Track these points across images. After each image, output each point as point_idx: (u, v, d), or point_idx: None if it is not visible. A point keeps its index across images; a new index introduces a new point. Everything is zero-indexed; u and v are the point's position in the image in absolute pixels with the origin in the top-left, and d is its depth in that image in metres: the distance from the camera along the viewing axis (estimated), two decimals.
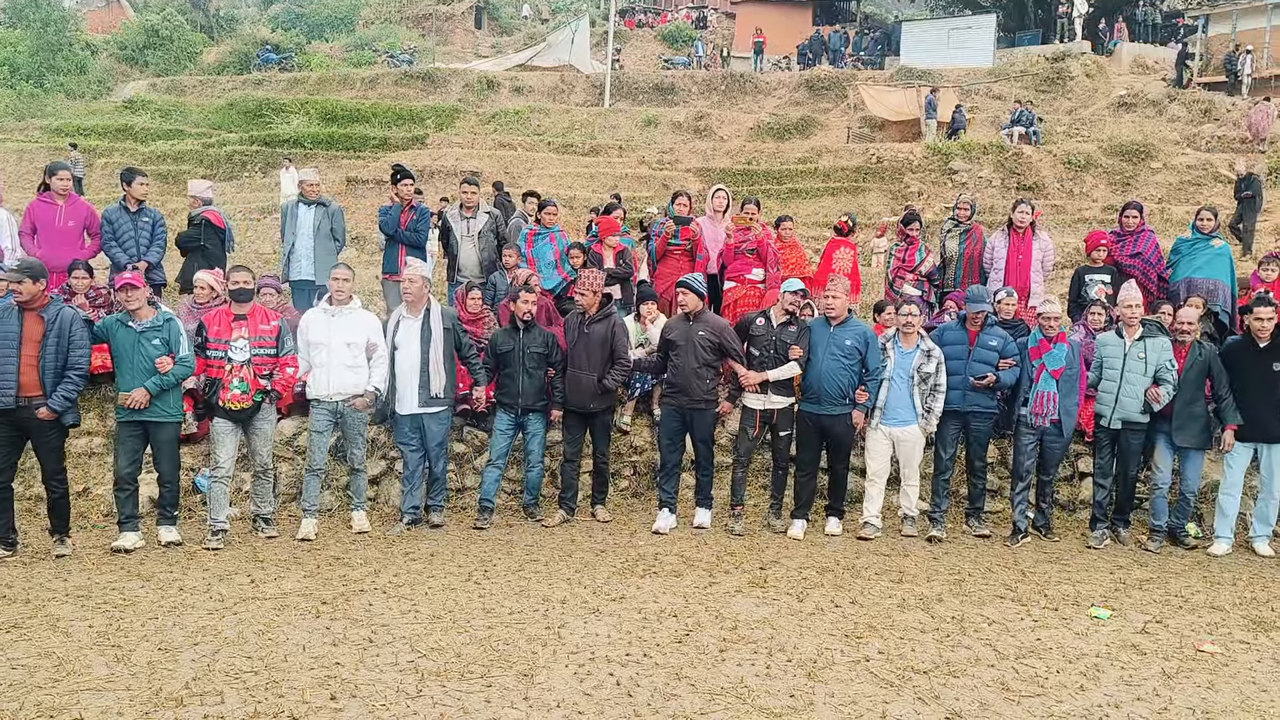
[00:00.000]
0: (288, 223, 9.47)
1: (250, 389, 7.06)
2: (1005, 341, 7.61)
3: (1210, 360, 7.43)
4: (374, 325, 7.53)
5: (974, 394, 7.59)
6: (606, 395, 7.81)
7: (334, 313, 7.45)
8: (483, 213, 9.37)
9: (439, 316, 7.54)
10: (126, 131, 27.62)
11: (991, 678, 5.04)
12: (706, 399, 7.65)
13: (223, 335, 7.08)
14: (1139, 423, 7.53)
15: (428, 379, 7.46)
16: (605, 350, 7.68)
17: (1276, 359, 7.31)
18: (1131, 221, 9.18)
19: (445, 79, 32.09)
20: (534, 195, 11.66)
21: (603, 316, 7.78)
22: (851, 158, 24.01)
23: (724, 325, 7.78)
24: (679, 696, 4.71)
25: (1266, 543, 7.57)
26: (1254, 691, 5.00)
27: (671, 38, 40.06)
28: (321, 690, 4.68)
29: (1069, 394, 7.51)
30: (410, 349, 7.47)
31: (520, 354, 7.69)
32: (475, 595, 6.09)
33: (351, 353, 7.37)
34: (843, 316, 7.61)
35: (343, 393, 7.39)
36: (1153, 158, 22.18)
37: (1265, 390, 7.31)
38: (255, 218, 19.44)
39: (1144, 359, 7.42)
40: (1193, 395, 7.42)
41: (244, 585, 6.21)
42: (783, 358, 7.55)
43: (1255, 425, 7.37)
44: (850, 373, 7.49)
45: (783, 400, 7.67)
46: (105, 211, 9.02)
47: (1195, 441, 7.48)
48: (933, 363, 7.51)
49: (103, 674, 4.81)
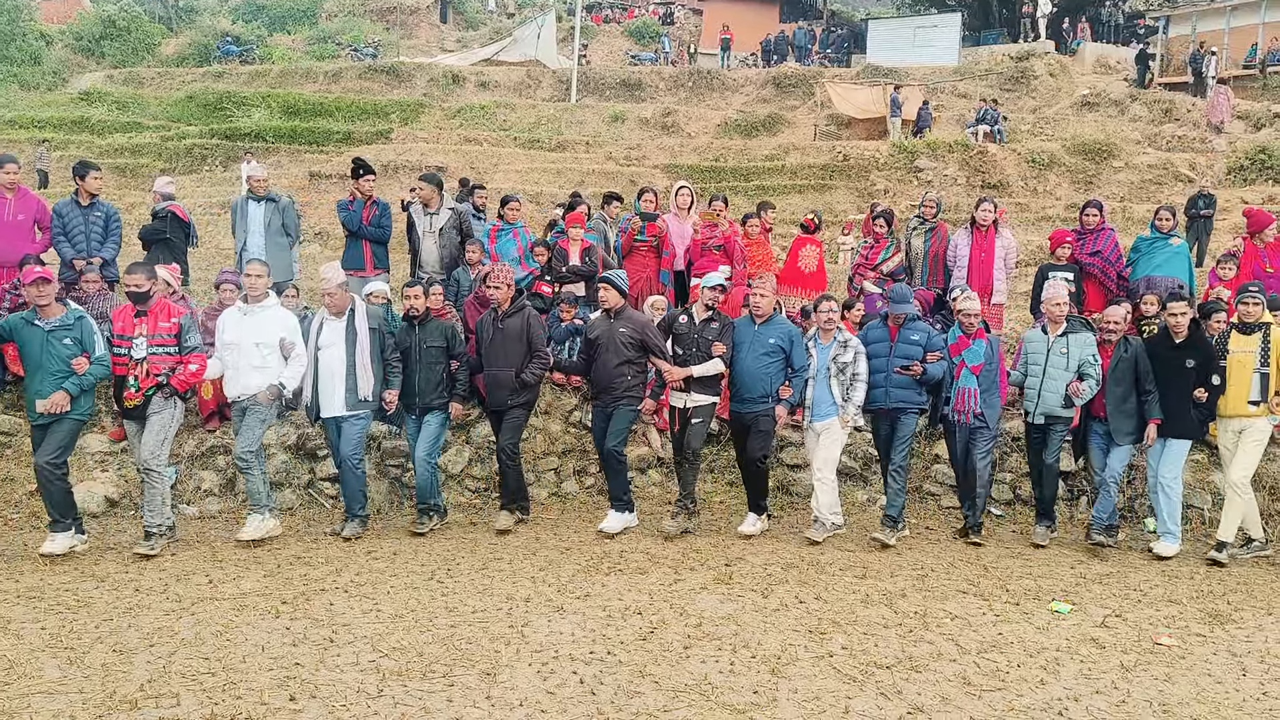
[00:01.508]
0: (238, 219, 9.35)
1: (142, 386, 6.80)
2: (928, 336, 7.60)
3: (1137, 357, 7.48)
4: (289, 323, 7.26)
5: (898, 390, 7.50)
6: (526, 390, 7.61)
7: (247, 311, 7.19)
8: (445, 209, 9.29)
9: (364, 317, 7.30)
10: (83, 124, 27.13)
11: (953, 672, 5.07)
12: (628, 396, 7.55)
13: (126, 332, 6.85)
14: (1063, 417, 7.57)
15: (355, 381, 7.22)
16: (522, 344, 7.51)
17: (1190, 356, 7.37)
18: (1091, 220, 9.28)
19: (410, 73, 31.81)
20: (616, 198, 11.10)
21: (516, 310, 7.57)
22: (818, 155, 24.10)
23: (646, 322, 7.70)
24: (642, 694, 4.69)
25: (1174, 543, 7.51)
26: (1209, 683, 5.07)
27: (638, 33, 39.98)
28: (280, 691, 4.62)
29: (990, 389, 7.54)
30: (335, 351, 7.22)
31: (417, 349, 7.49)
32: (438, 594, 6.04)
33: (260, 353, 7.08)
34: (768, 315, 7.57)
35: (246, 394, 7.12)
36: (1115, 157, 22.46)
37: (1174, 385, 7.37)
38: (216, 212, 19.14)
39: (1066, 354, 7.47)
40: (1124, 392, 7.47)
41: (202, 585, 6.12)
42: (706, 354, 7.49)
43: (1166, 420, 7.41)
44: (774, 371, 7.45)
45: (705, 399, 7.61)
46: (56, 205, 8.86)
47: (1131, 439, 7.53)
48: (849, 352, 7.49)
49: (55, 676, 4.72)
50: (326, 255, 15.19)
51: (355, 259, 9.30)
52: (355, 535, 7.29)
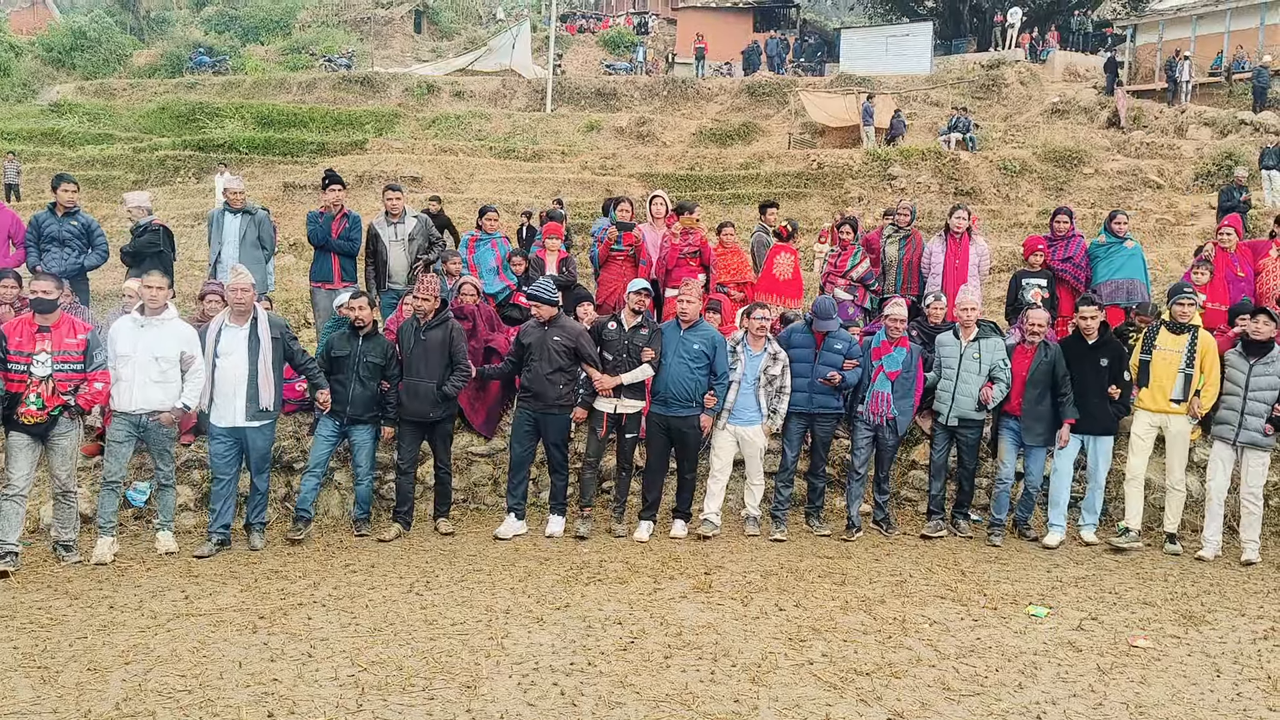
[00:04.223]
0: (214, 231, 9.30)
1: (47, 405, 6.54)
2: (850, 344, 7.82)
3: (1056, 359, 7.66)
4: (188, 336, 7.03)
5: (820, 395, 7.73)
6: (447, 403, 7.60)
7: (144, 323, 6.91)
8: (410, 216, 9.25)
9: (267, 325, 7.11)
10: (53, 135, 26.89)
11: (932, 678, 5.10)
12: (560, 404, 7.57)
13: (24, 348, 6.55)
14: (975, 420, 7.78)
15: (256, 391, 7.04)
16: (444, 356, 7.50)
17: (1103, 355, 7.63)
18: (1062, 226, 9.39)
19: (384, 83, 31.75)
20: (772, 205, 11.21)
21: (440, 322, 7.55)
22: (793, 163, 24.24)
23: (579, 330, 7.71)
24: (623, 705, 4.69)
25: (1093, 531, 7.84)
26: (1185, 685, 5.13)
27: (613, 43, 40.13)
28: (258, 707, 4.58)
29: (904, 395, 7.76)
30: (235, 359, 7.02)
31: (355, 361, 7.41)
32: (417, 606, 6.01)
33: (160, 367, 6.86)
34: (694, 320, 7.61)
35: (146, 408, 6.88)
36: (1085, 163, 22.73)
37: (1092, 384, 7.61)
38: (189, 224, 19.01)
39: (978, 359, 7.68)
40: (1040, 394, 7.63)
41: (178, 601, 6.06)
42: (635, 361, 7.54)
43: (1084, 418, 7.66)
44: (698, 376, 7.51)
45: (633, 405, 7.68)
46: (34, 216, 8.80)
47: (1041, 440, 7.72)
48: (778, 365, 7.67)
49: (28, 696, 4.66)
50: (300, 266, 15.10)
51: (324, 271, 9.27)
52: (261, 545, 7.24)
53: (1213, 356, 7.53)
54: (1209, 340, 7.61)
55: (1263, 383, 7.28)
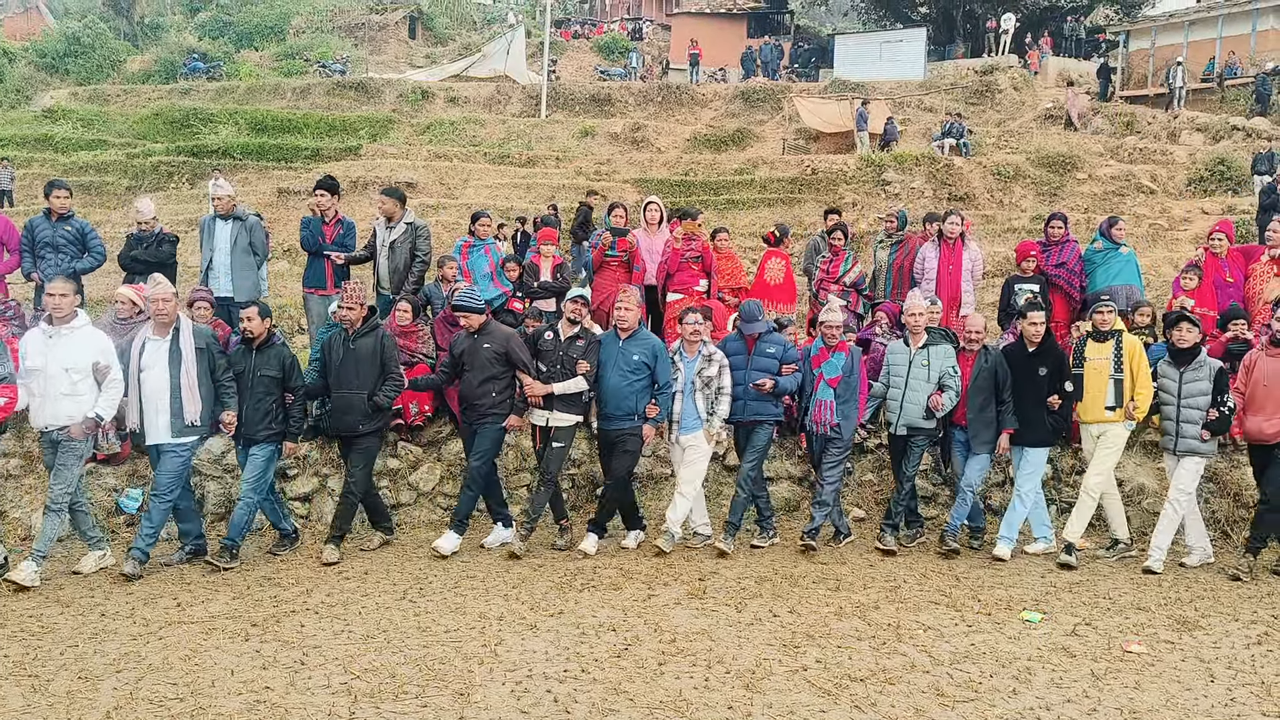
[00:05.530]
0: (205, 238, 9.28)
1: None
2: (783, 349, 7.65)
3: (996, 366, 7.56)
4: (102, 346, 6.66)
5: (755, 402, 7.56)
6: (378, 415, 7.29)
7: (52, 333, 6.54)
8: (402, 223, 9.22)
9: (190, 336, 6.84)
10: (46, 141, 26.81)
11: (927, 684, 5.09)
12: (494, 412, 7.33)
13: None
14: (924, 428, 7.61)
15: (180, 405, 6.74)
16: (375, 366, 7.20)
17: (1041, 363, 7.52)
18: (1056, 232, 9.40)
19: (379, 89, 31.72)
20: (835, 213, 10.90)
21: (369, 330, 7.25)
22: (787, 169, 24.26)
23: (509, 335, 7.49)
24: (617, 712, 4.68)
25: (1008, 546, 7.59)
26: (1178, 690, 5.13)
27: (607, 49, 40.13)
28: (250, 715, 4.56)
29: (848, 401, 7.56)
30: (158, 372, 6.75)
31: (249, 376, 7.03)
32: (410, 614, 5.99)
33: (70, 379, 6.48)
34: (633, 328, 7.41)
35: (56, 423, 6.52)
36: (1078, 169, 22.78)
37: (1028, 393, 7.50)
38: (183, 230, 18.97)
39: (927, 366, 7.54)
40: (984, 401, 7.53)
41: (170, 609, 6.04)
42: (570, 372, 7.34)
43: (1022, 427, 7.52)
44: (639, 388, 7.32)
45: (567, 419, 7.42)
46: (29, 221, 8.79)
47: (988, 448, 7.59)
48: (714, 366, 7.47)
49: (18, 705, 4.63)
50: (295, 272, 15.07)
51: (317, 278, 9.24)
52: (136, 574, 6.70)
53: (1140, 359, 7.46)
54: (1134, 343, 7.55)
55: (1194, 389, 7.20)
